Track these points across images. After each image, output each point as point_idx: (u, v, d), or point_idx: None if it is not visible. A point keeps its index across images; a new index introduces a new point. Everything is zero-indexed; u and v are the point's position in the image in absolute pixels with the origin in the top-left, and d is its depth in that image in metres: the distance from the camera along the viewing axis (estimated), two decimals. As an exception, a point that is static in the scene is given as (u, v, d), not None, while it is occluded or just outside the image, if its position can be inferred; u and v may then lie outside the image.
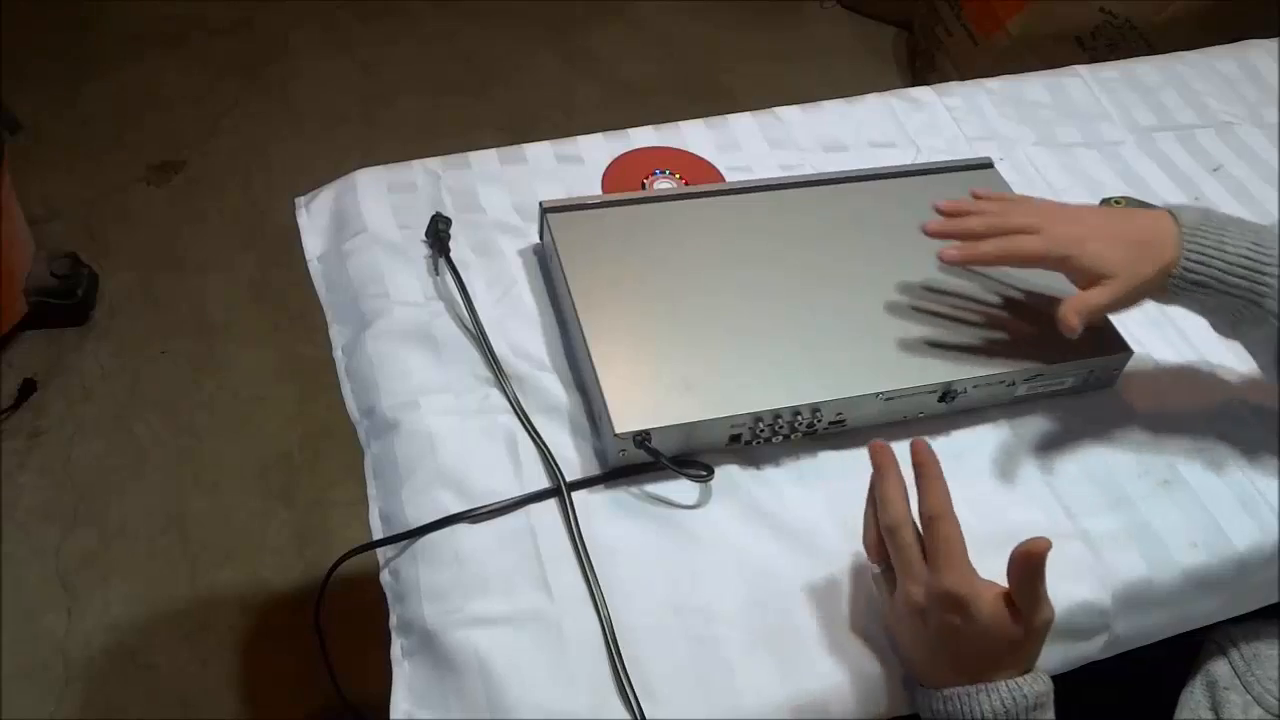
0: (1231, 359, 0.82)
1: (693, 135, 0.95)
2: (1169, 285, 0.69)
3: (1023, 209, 0.75)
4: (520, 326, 0.79)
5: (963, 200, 0.77)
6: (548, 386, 0.75)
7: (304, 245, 0.86)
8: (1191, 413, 0.79)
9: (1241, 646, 0.74)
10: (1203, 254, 0.69)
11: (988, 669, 0.60)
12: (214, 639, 1.36)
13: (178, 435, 1.57)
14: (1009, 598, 0.59)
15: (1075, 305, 0.69)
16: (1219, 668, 0.74)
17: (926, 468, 0.61)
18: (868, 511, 0.65)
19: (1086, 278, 0.70)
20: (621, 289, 0.76)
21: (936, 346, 0.76)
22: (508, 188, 0.89)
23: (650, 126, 0.95)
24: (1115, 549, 0.70)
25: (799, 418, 0.71)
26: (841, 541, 0.69)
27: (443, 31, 2.30)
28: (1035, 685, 0.59)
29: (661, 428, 0.68)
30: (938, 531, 0.60)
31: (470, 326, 0.77)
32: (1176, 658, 0.63)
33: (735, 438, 0.72)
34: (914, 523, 0.62)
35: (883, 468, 0.63)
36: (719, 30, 2.41)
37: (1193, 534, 0.72)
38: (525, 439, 0.72)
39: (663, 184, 0.90)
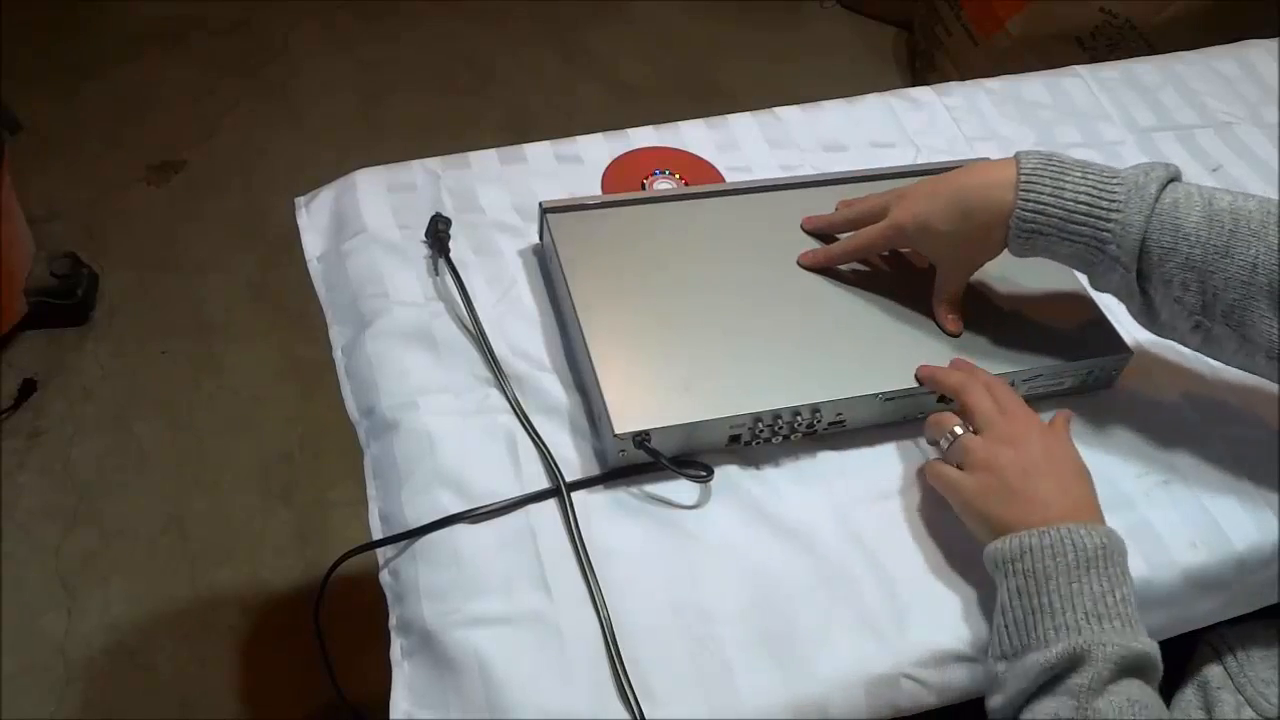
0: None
1: (693, 135, 0.95)
2: (1010, 236, 0.69)
3: (882, 195, 0.77)
4: (520, 326, 0.79)
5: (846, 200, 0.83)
6: (548, 386, 0.75)
7: (304, 245, 0.86)
8: (1191, 413, 0.79)
9: (1235, 648, 0.74)
10: (1039, 200, 0.67)
11: (1080, 498, 0.65)
12: (214, 639, 1.37)
13: (178, 435, 1.57)
14: None
15: (940, 315, 0.76)
16: (1212, 668, 0.74)
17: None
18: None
19: (927, 251, 0.75)
20: (621, 289, 0.76)
21: (937, 347, 0.76)
22: (507, 188, 0.89)
23: (650, 126, 0.95)
24: (1115, 549, 0.70)
25: (799, 418, 0.71)
26: (841, 541, 0.69)
27: (443, 31, 2.30)
28: (1120, 537, 0.63)
29: (661, 428, 0.68)
30: (996, 383, 0.71)
31: (470, 326, 0.77)
32: (1172, 659, 0.63)
33: (735, 438, 0.72)
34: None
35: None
36: (719, 30, 2.41)
37: (1193, 534, 0.72)
38: (525, 439, 0.72)
39: (663, 184, 0.90)
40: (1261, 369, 0.68)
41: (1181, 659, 0.77)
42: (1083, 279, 0.79)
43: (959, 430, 0.69)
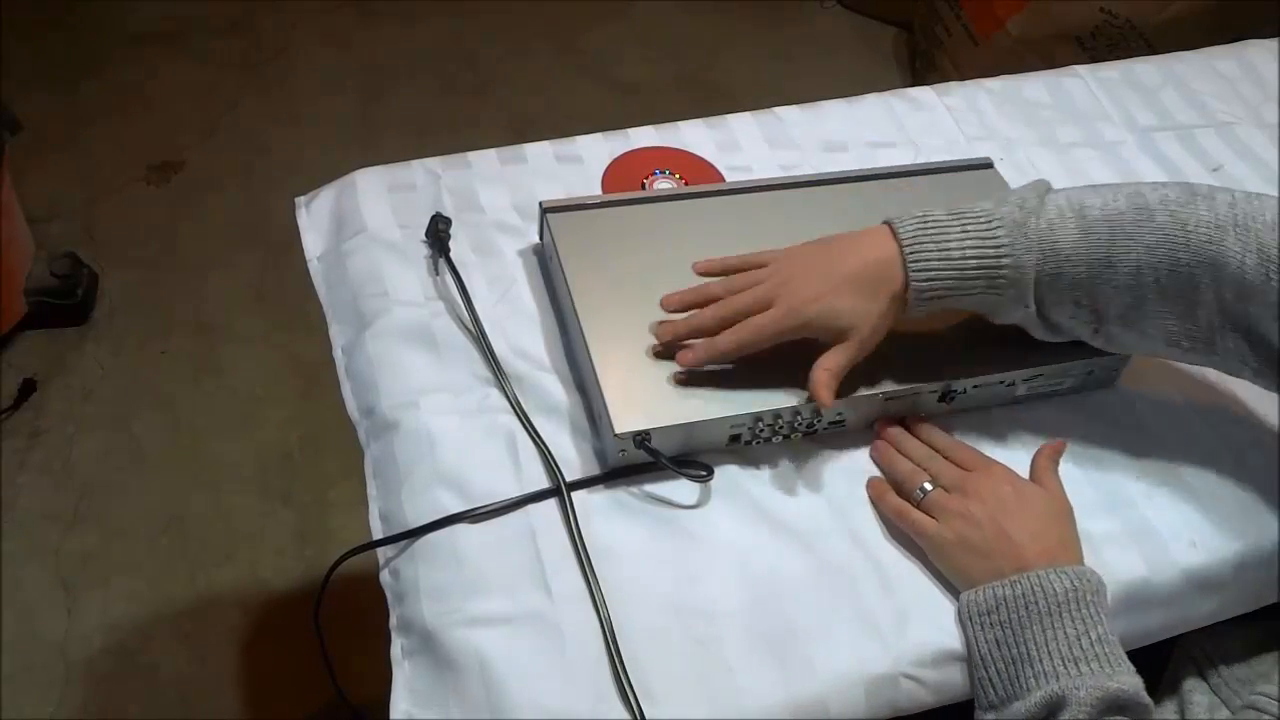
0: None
1: (693, 135, 0.95)
2: (910, 306, 0.68)
3: (751, 281, 0.71)
4: (520, 326, 0.79)
5: (702, 287, 0.73)
6: (548, 386, 0.75)
7: (304, 245, 0.86)
8: (1191, 413, 0.79)
9: (1211, 652, 0.74)
10: (929, 267, 0.66)
11: (1053, 539, 0.66)
12: (214, 639, 1.37)
13: (178, 435, 1.57)
14: None
15: (821, 380, 0.68)
16: (1188, 674, 0.75)
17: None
18: (876, 483, 0.72)
19: (828, 335, 0.69)
20: (621, 289, 0.76)
21: (936, 346, 0.76)
22: (508, 188, 0.89)
23: (650, 126, 0.95)
24: (1115, 549, 0.70)
25: (799, 418, 0.71)
26: (842, 541, 0.69)
27: (443, 31, 2.30)
28: (1096, 573, 0.65)
29: (661, 428, 0.68)
30: (957, 446, 0.72)
31: (470, 326, 0.77)
32: (1149, 671, 0.64)
33: (735, 438, 0.72)
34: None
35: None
36: (719, 30, 2.41)
37: (1192, 534, 0.72)
38: (525, 439, 0.72)
39: (663, 184, 0.90)
40: (1164, 355, 0.70)
41: (1159, 669, 0.76)
42: None
43: (929, 486, 0.70)
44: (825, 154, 0.96)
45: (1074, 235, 0.65)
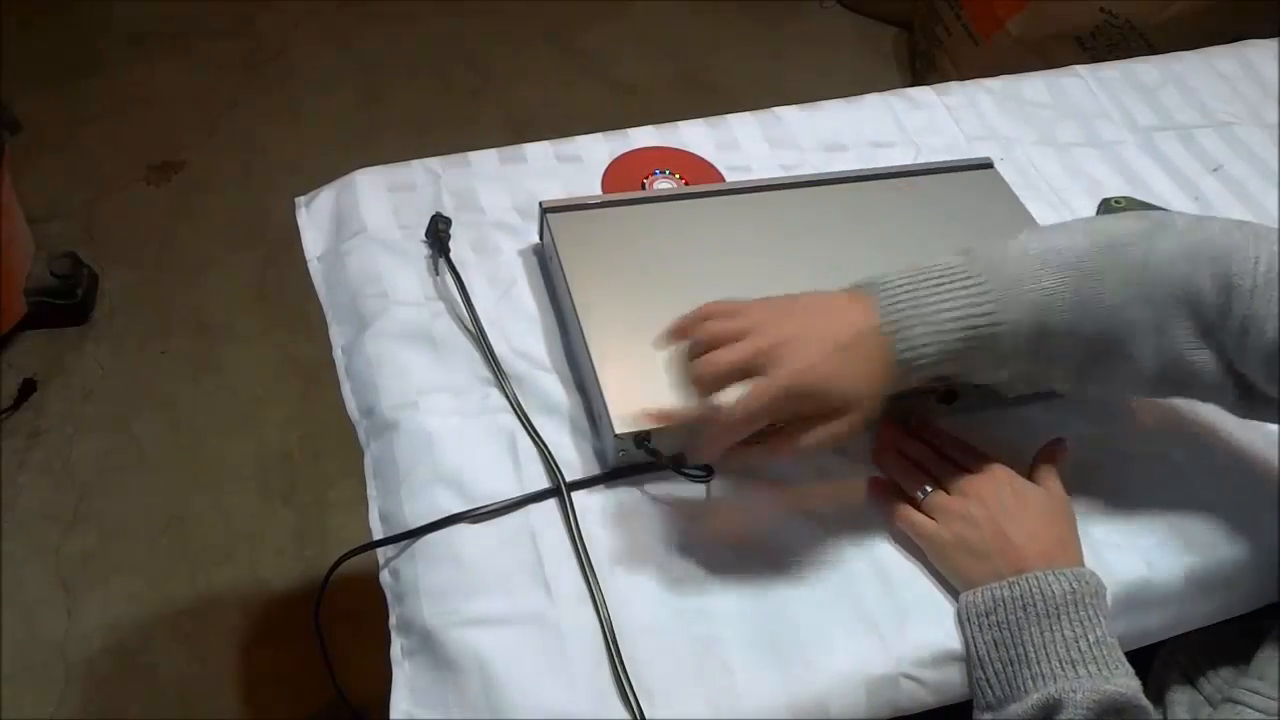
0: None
1: (693, 135, 0.95)
2: (898, 381, 0.63)
3: (730, 335, 0.63)
4: (520, 326, 0.79)
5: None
6: (548, 386, 0.75)
7: (304, 245, 0.86)
8: (1191, 413, 0.79)
9: (1193, 651, 0.74)
10: (914, 345, 0.61)
11: (1052, 541, 0.65)
12: (214, 639, 1.37)
13: (178, 435, 1.57)
14: None
15: (786, 451, 0.63)
16: (1169, 671, 0.75)
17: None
18: (876, 483, 0.72)
19: (820, 409, 0.62)
20: (621, 289, 0.76)
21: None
22: (507, 187, 0.89)
23: (650, 126, 0.95)
24: (1115, 549, 0.70)
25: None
26: (842, 541, 0.69)
27: (443, 31, 2.30)
28: (1095, 575, 0.64)
29: (661, 428, 0.68)
30: (958, 447, 0.72)
31: (470, 326, 0.77)
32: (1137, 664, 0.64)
33: (735, 438, 0.72)
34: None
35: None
36: (719, 30, 2.41)
37: (1192, 534, 0.72)
38: (525, 439, 0.72)
39: (663, 184, 0.90)
40: (1137, 395, 0.69)
41: (1143, 674, 0.76)
42: None
43: (929, 488, 0.70)
44: (825, 154, 0.96)
45: (1051, 281, 0.62)
